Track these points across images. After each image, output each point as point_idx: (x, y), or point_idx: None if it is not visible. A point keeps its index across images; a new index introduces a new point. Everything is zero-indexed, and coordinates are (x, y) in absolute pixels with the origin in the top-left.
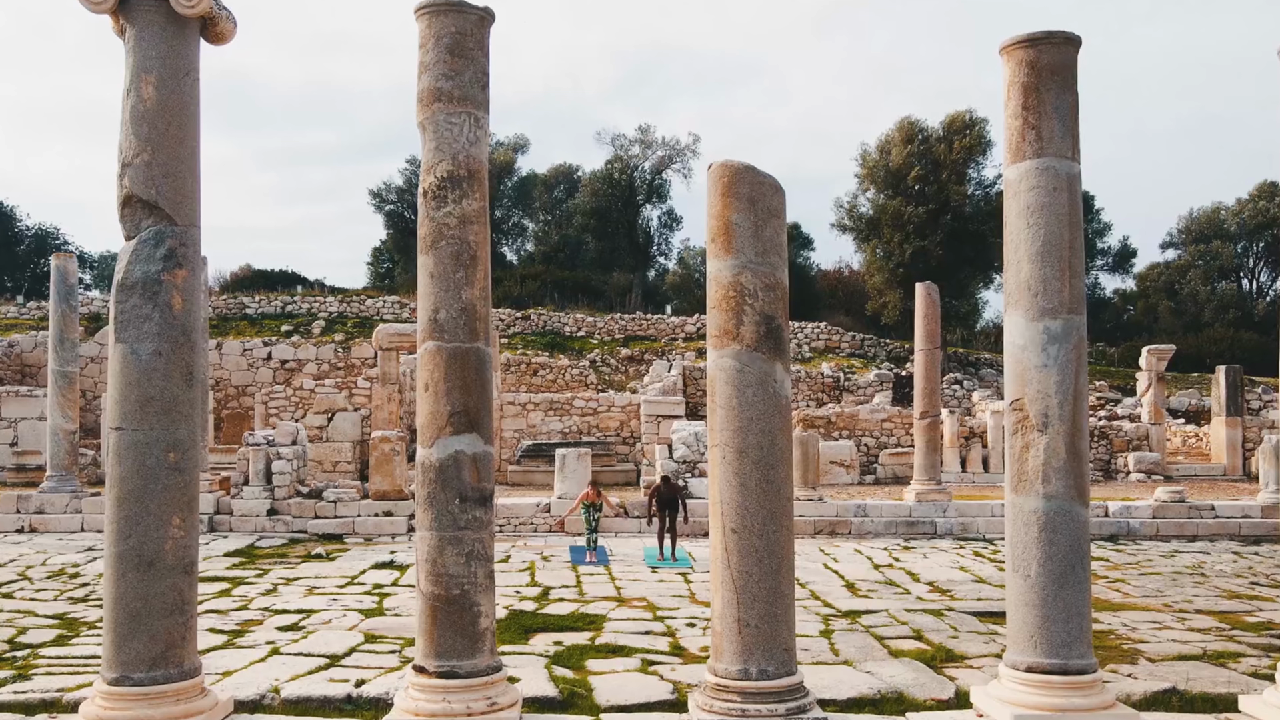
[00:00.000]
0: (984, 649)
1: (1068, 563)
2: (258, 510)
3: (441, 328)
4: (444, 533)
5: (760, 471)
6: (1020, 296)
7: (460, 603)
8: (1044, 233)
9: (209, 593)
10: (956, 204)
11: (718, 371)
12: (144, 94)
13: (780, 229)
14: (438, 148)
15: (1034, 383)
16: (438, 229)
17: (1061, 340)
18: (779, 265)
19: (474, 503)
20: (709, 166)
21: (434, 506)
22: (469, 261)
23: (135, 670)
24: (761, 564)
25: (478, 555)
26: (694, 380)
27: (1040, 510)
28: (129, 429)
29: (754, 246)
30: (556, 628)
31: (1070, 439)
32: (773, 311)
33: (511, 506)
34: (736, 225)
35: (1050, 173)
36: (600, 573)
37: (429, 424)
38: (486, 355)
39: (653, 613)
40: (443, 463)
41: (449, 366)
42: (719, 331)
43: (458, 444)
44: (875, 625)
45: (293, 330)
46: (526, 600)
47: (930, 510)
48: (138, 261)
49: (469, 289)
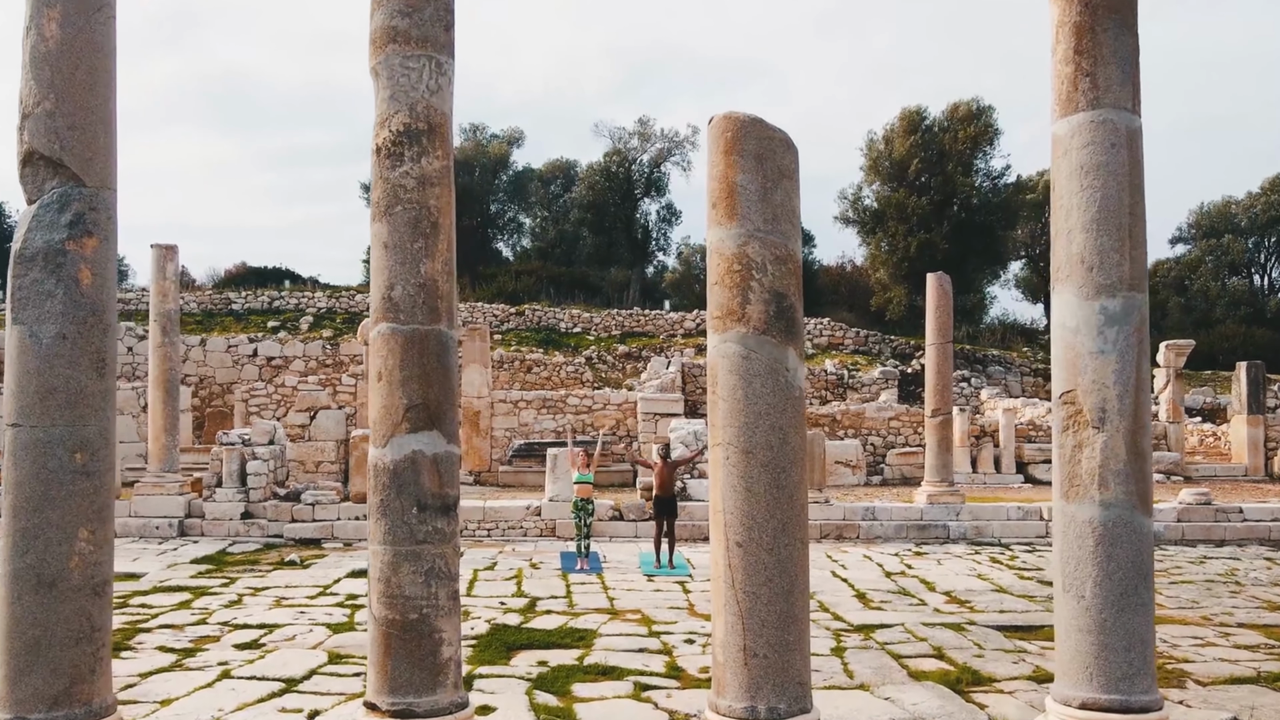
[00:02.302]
0: (1013, 670)
1: (1129, 582)
2: (231, 514)
3: (397, 307)
4: (399, 547)
5: (769, 475)
6: (1072, 271)
7: (418, 629)
8: (1100, 196)
9: (167, 605)
10: (963, 195)
11: (720, 359)
12: (46, 32)
13: (793, 192)
14: (393, 97)
15: (1088, 371)
16: (393, 192)
17: (1121, 321)
18: (791, 234)
19: (434, 512)
20: (709, 120)
21: (387, 516)
22: (429, 230)
23: (33, 710)
24: (771, 583)
25: (439, 573)
26: (693, 378)
27: (1097, 520)
28: (27, 425)
29: (762, 212)
30: (542, 644)
31: (1131, 437)
32: (784, 288)
33: (500, 509)
34: (741, 187)
35: (1108, 126)
36: (592, 581)
37: (382, 420)
38: (450, 340)
39: (648, 627)
40: (397, 465)
41: (405, 352)
42: (721, 312)
43: (415, 443)
44: (891, 642)
45: (279, 326)
46: (511, 613)
47: (942, 513)
48: (39, 229)
49: (429, 262)
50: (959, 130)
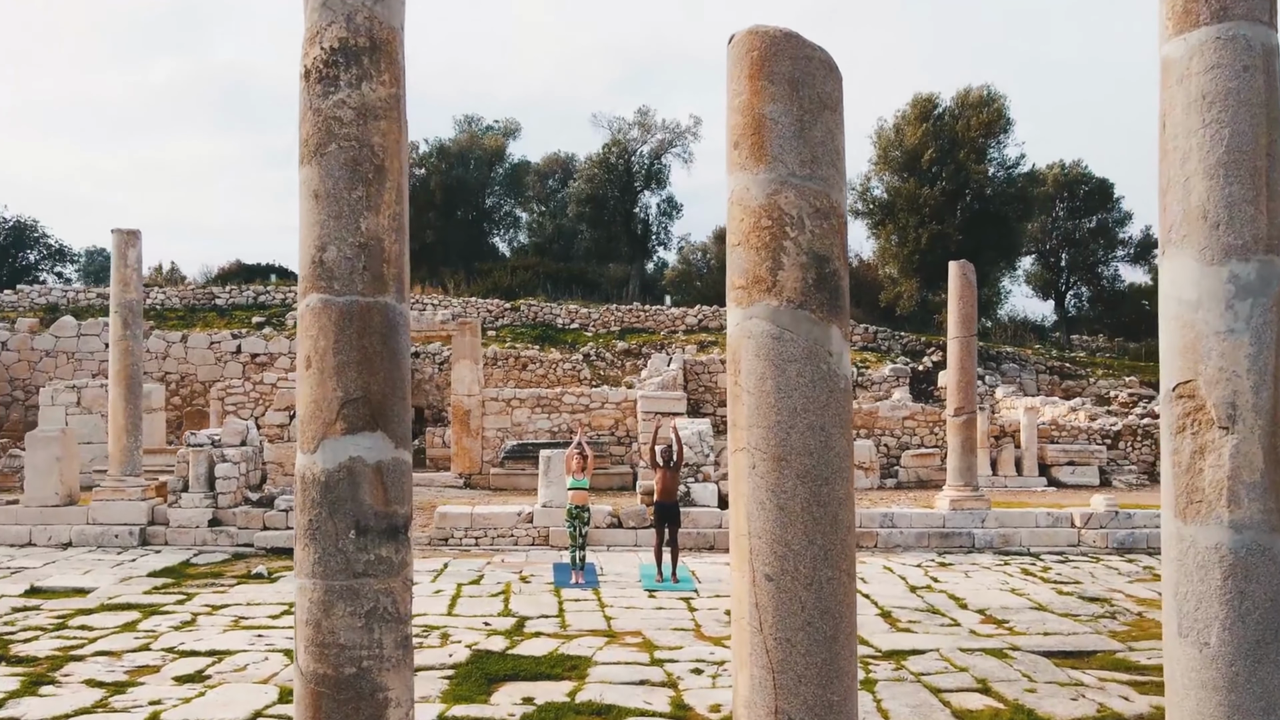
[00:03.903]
0: (1074, 709)
1: (1267, 625)
2: (197, 520)
3: (330, 273)
4: (332, 581)
5: (808, 488)
6: (1190, 229)
7: (356, 687)
8: (1229, 133)
9: (110, 626)
10: (976, 185)
11: (743, 340)
12: None
13: (836, 128)
14: (325, 4)
15: (1213, 356)
16: (325, 126)
17: (1257, 292)
18: (835, 181)
19: (378, 536)
20: (730, 39)
21: (318, 542)
22: (372, 174)
23: None
24: (811, 628)
25: (384, 615)
26: (695, 375)
27: (1225, 546)
28: None
29: (798, 152)
30: (529, 675)
31: (1271, 440)
32: (826, 249)
33: (489, 516)
34: (772, 121)
35: (1239, 44)
36: (588, 597)
37: (311, 418)
38: (400, 317)
39: (650, 653)
40: (330, 476)
41: (341, 331)
42: (745, 281)
43: (353, 447)
44: (928, 672)
45: (265, 322)
46: (496, 636)
47: (967, 520)
48: None
49: (372, 215)
50: (971, 116)
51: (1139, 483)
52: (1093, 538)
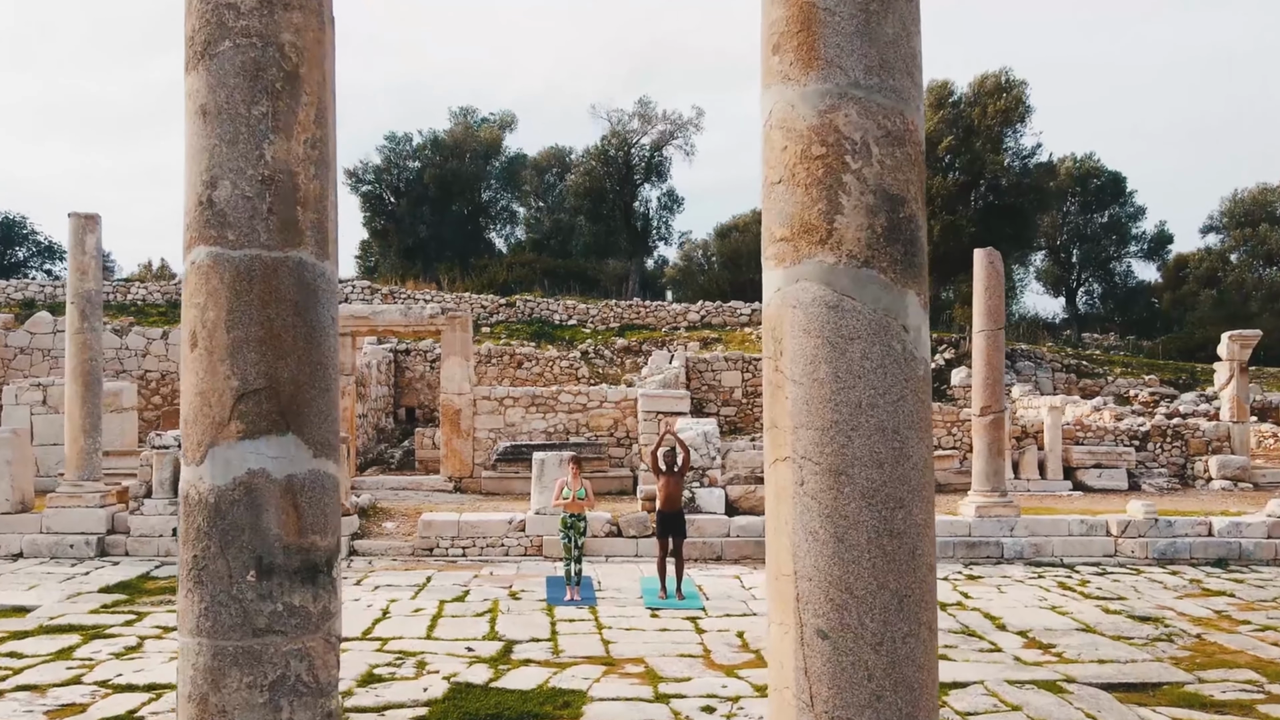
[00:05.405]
0: None
1: None
2: (160, 529)
3: (222, 218)
4: (224, 641)
5: (876, 513)
6: None
7: None
8: None
9: (42, 654)
10: (991, 175)
11: (787, 310)
12: None
13: (913, 23)
14: None
15: None
16: (216, 17)
17: None
18: (911, 95)
19: (289, 578)
20: None
21: (204, 586)
22: (281, 83)
23: None
24: (881, 705)
25: (297, 687)
26: (699, 373)
27: None
28: None
29: (862, 54)
30: (514, 713)
31: None
32: (901, 188)
33: (478, 524)
34: (827, 11)
35: None
36: (584, 616)
37: (197, 415)
38: (322, 279)
39: (653, 686)
40: (222, 497)
41: (237, 297)
42: (790, 229)
43: (253, 457)
44: (976, 712)
45: None
46: (478, 664)
47: (995, 528)
48: None
49: (281, 139)
50: (988, 104)
51: (1169, 486)
52: (1130, 547)
